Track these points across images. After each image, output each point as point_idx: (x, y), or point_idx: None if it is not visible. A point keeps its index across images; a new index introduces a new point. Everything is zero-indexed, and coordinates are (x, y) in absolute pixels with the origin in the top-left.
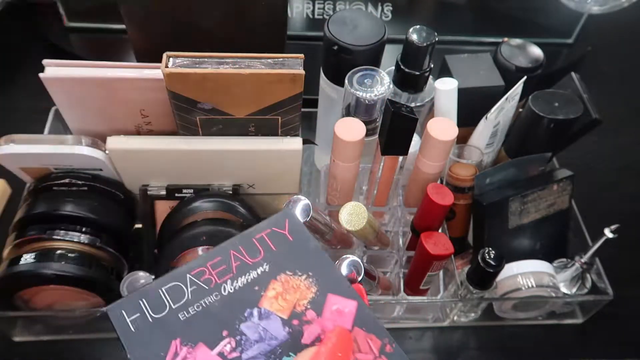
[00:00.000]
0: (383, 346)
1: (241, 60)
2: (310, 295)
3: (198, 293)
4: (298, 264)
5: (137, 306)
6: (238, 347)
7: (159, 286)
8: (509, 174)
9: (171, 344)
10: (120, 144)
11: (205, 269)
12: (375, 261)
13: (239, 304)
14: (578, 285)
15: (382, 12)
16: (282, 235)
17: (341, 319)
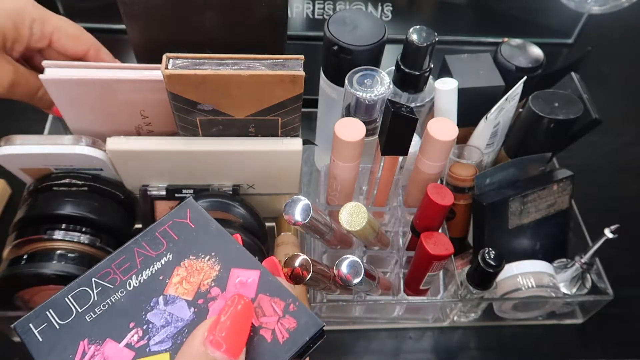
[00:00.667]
0: (287, 306)
1: (241, 62)
2: (214, 274)
3: (104, 293)
4: (200, 247)
5: (44, 317)
6: (145, 335)
7: (65, 294)
8: (509, 174)
9: (79, 345)
10: (120, 144)
11: (110, 270)
12: (375, 261)
13: (145, 295)
14: (578, 285)
15: (382, 12)
16: (184, 224)
17: (245, 289)
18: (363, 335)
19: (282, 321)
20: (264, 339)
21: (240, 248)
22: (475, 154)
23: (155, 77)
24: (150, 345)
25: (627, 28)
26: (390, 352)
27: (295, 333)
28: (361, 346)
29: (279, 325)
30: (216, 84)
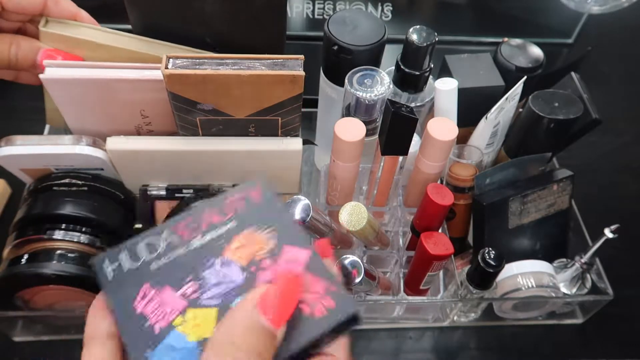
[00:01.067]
0: (329, 287)
1: (241, 62)
2: (269, 247)
3: (170, 247)
4: (263, 219)
5: (116, 259)
6: (199, 289)
7: (137, 242)
8: (509, 174)
9: (141, 288)
10: (120, 144)
11: (178, 227)
12: (375, 261)
13: (205, 255)
14: (578, 285)
15: (382, 12)
16: (251, 198)
17: (295, 265)
18: (363, 335)
19: (322, 300)
20: (302, 312)
21: (297, 227)
22: (475, 154)
23: (155, 77)
24: (202, 299)
25: (627, 28)
26: (390, 352)
27: (333, 312)
28: (361, 346)
29: (318, 303)
30: (216, 84)
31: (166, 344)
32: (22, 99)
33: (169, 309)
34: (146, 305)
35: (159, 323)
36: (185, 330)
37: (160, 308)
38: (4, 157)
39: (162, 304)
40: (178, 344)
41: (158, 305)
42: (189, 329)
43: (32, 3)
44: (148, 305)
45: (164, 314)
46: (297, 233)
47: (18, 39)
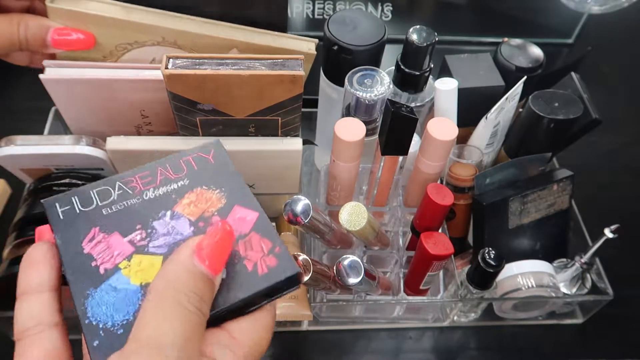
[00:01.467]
0: (273, 247)
1: (241, 61)
2: (219, 205)
3: (123, 196)
4: (214, 181)
5: (69, 201)
6: (147, 237)
7: (92, 188)
8: (509, 174)
9: (91, 230)
10: (120, 144)
11: (133, 179)
12: (375, 261)
13: (156, 206)
14: (578, 285)
15: (382, 12)
16: (205, 159)
17: (242, 225)
18: (363, 335)
19: (265, 258)
20: (245, 268)
21: (248, 191)
22: (475, 154)
23: (155, 77)
24: (149, 247)
25: (627, 28)
26: (390, 352)
27: (274, 270)
28: (361, 346)
29: (261, 261)
30: (216, 84)
31: (109, 284)
32: (22, 99)
33: (116, 252)
34: (94, 247)
35: (105, 264)
36: (129, 274)
37: (107, 251)
38: (4, 157)
39: (109, 247)
40: (121, 285)
41: (105, 248)
42: (133, 273)
43: None
44: (96, 247)
45: (111, 257)
46: (248, 196)
47: (26, 18)
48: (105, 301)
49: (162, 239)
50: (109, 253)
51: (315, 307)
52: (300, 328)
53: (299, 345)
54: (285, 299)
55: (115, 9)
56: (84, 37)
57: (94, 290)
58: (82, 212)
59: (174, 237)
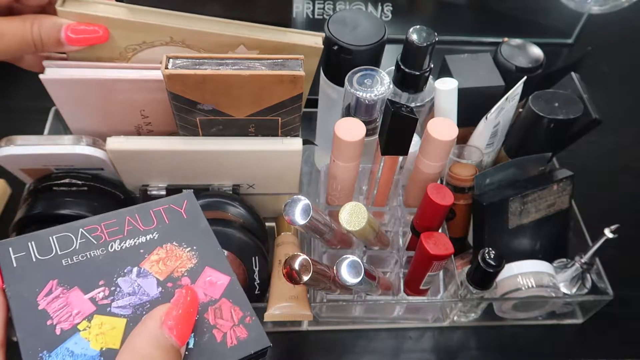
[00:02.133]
0: (244, 317)
1: (241, 61)
2: (190, 265)
3: (86, 245)
4: (186, 238)
5: (24, 246)
6: (110, 296)
7: (51, 233)
8: (509, 174)
9: (48, 283)
10: (120, 144)
11: (98, 226)
12: (375, 261)
13: (122, 261)
14: (578, 285)
15: (382, 12)
16: (177, 212)
17: (212, 289)
18: (363, 335)
19: (235, 328)
20: (214, 338)
21: (221, 252)
22: (475, 154)
23: (155, 77)
24: (112, 307)
25: (627, 28)
26: (390, 352)
27: (244, 343)
28: (361, 346)
29: (231, 331)
30: (216, 84)
31: (65, 348)
32: (22, 99)
33: (74, 310)
34: (50, 303)
35: (62, 324)
36: (88, 337)
37: (65, 308)
38: (4, 157)
39: (68, 304)
40: (78, 350)
41: (64, 304)
42: (93, 336)
43: None
44: (53, 303)
45: (69, 316)
46: (220, 257)
47: (39, 18)
48: None
49: (127, 299)
50: (68, 311)
51: (315, 307)
52: (300, 328)
53: (299, 345)
54: (286, 299)
55: (123, 10)
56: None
57: (48, 353)
58: (38, 261)
59: (140, 297)
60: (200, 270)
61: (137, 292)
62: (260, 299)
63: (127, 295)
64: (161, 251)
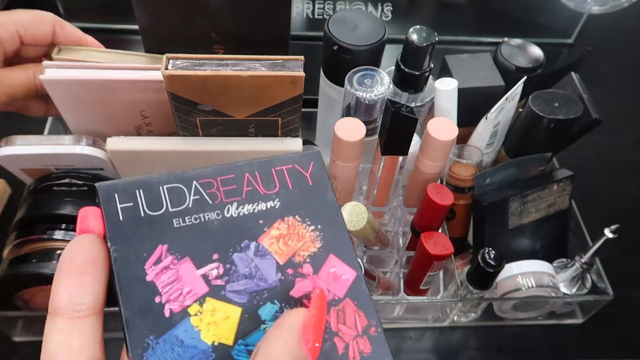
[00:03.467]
0: (369, 327)
1: (241, 62)
2: (313, 249)
3: (200, 204)
4: (311, 212)
5: (132, 195)
6: (225, 275)
7: (162, 182)
8: (509, 174)
9: (157, 248)
10: (120, 144)
11: (214, 181)
12: (375, 261)
13: (239, 232)
14: (578, 285)
15: (382, 12)
16: (302, 176)
17: (336, 284)
18: None
19: (358, 340)
20: (335, 349)
21: (347, 238)
22: (475, 154)
23: (155, 78)
24: (227, 290)
25: (627, 28)
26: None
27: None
28: None
29: (354, 343)
30: (216, 85)
31: (175, 336)
32: None
33: (186, 289)
34: (159, 274)
35: (171, 304)
36: (199, 325)
37: (175, 284)
38: (4, 157)
39: (178, 280)
40: (189, 340)
41: (174, 279)
42: (205, 325)
43: (43, 31)
44: (162, 274)
45: (179, 294)
46: (346, 244)
47: (39, 67)
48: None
49: (243, 282)
50: (178, 288)
51: None
52: None
53: None
54: None
55: (112, 56)
56: None
57: (156, 340)
58: (148, 217)
59: (257, 282)
60: (324, 258)
61: (254, 276)
62: None
63: (243, 278)
64: (282, 225)
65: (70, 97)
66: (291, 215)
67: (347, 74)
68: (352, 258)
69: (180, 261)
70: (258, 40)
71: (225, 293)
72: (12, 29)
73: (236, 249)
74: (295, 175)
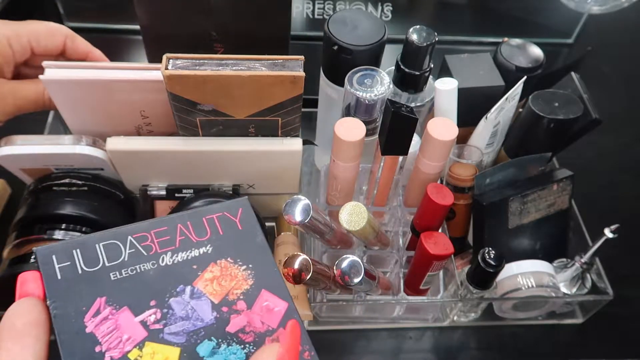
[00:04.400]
0: (302, 351)
1: (241, 62)
2: (246, 287)
3: (135, 257)
4: (242, 253)
5: (69, 255)
6: (162, 319)
7: (97, 240)
8: (509, 174)
9: (96, 301)
10: (120, 144)
11: (148, 235)
12: (375, 261)
13: (174, 278)
14: (578, 285)
15: (382, 12)
16: (232, 222)
17: (269, 316)
18: (363, 335)
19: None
20: None
21: (277, 273)
22: (475, 154)
23: (155, 78)
24: (165, 333)
25: (627, 28)
26: (390, 352)
27: None
28: (361, 346)
29: None
30: (216, 85)
31: None
32: None
33: (125, 336)
34: (99, 325)
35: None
36: None
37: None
38: (4, 157)
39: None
40: None
41: (113, 328)
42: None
43: (54, 42)
44: (101, 325)
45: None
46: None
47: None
48: None
49: (180, 324)
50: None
51: (315, 307)
52: None
53: None
54: None
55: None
56: None
57: None
58: (85, 274)
59: (194, 323)
60: (256, 294)
61: (190, 317)
62: None
63: (180, 320)
64: (215, 268)
65: (71, 97)
66: (223, 258)
67: (347, 74)
68: (283, 291)
69: (119, 311)
70: (258, 40)
71: (163, 335)
72: (25, 41)
73: (172, 294)
74: (225, 222)
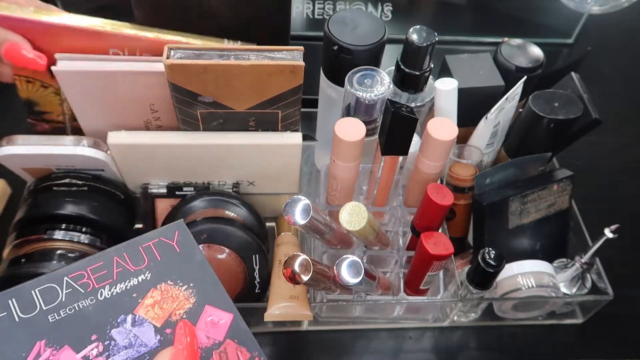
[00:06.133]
0: (252, 358)
1: (242, 53)
2: (188, 306)
3: (73, 296)
4: (181, 274)
5: (5, 305)
6: (105, 351)
7: (33, 287)
8: (509, 174)
9: (35, 345)
10: (120, 139)
11: (84, 272)
12: (375, 261)
13: (114, 310)
14: (578, 285)
15: (382, 12)
16: (169, 246)
17: (214, 330)
18: (363, 335)
19: None
20: None
21: (220, 286)
22: (475, 154)
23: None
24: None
25: (627, 28)
26: (390, 352)
27: None
28: (361, 346)
29: None
30: (217, 74)
31: None
32: None
33: None
34: None
35: None
36: None
37: None
38: (6, 157)
39: None
40: None
41: None
42: None
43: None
44: None
45: None
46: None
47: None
48: None
49: (124, 353)
50: None
51: (315, 307)
52: (300, 328)
53: (299, 345)
54: (286, 299)
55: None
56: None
57: None
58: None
59: (137, 349)
60: (200, 310)
61: (134, 344)
62: (260, 297)
63: (123, 349)
64: (156, 293)
65: (82, 89)
66: (163, 282)
67: (347, 74)
68: (227, 304)
69: (59, 351)
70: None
71: None
72: None
73: (113, 325)
74: (162, 247)
